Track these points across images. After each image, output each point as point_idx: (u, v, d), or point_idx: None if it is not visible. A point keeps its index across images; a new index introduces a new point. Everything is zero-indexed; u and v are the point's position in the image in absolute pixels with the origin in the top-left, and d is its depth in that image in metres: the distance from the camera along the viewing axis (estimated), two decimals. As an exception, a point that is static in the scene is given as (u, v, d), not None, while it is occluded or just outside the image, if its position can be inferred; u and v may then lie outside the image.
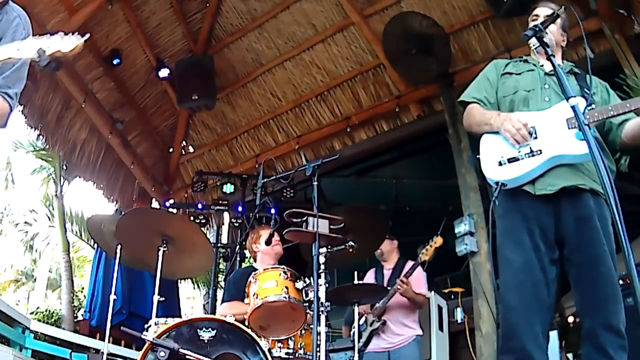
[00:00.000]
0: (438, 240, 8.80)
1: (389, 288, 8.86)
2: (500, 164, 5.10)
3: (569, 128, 4.79)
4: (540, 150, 4.91)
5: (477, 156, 5.45)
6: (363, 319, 9.10)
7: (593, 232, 4.80)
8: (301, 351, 6.52)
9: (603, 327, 4.71)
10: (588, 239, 4.81)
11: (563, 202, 4.93)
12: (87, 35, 5.13)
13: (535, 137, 4.98)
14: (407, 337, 8.84)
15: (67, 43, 4.64)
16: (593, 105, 4.81)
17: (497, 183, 5.12)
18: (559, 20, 5.26)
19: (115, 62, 12.64)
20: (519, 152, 5.02)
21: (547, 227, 4.96)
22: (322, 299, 5.98)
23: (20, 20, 5.04)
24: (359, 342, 8.88)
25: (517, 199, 5.10)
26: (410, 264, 9.14)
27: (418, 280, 8.99)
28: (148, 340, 5.58)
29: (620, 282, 5.02)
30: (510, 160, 5.03)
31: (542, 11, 5.19)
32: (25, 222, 33.97)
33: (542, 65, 5.46)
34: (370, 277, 9.50)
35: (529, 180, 5.01)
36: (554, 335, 9.11)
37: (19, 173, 32.15)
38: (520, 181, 5.03)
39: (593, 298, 4.82)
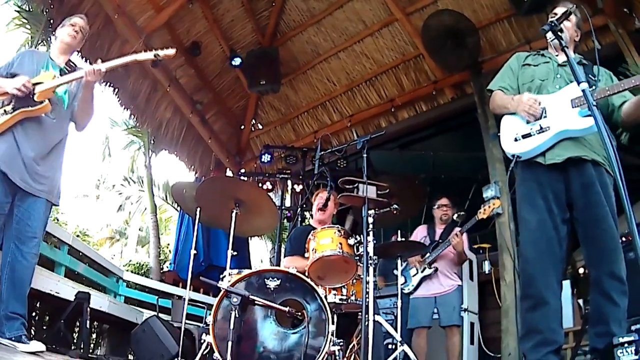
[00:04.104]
0: (497, 202, 8.81)
1: (440, 241, 9.17)
2: (515, 139, 5.30)
3: (572, 107, 4.97)
4: (548, 127, 5.09)
5: (498, 134, 5.58)
6: (414, 269, 9.26)
7: (596, 196, 4.94)
8: (352, 297, 6.56)
9: (607, 275, 4.85)
10: (592, 201, 4.96)
11: (570, 170, 5.07)
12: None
13: (545, 116, 5.17)
14: (451, 286, 9.07)
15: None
16: (594, 87, 4.90)
17: (513, 156, 5.30)
18: (574, 19, 5.43)
19: (195, 52, 12.73)
20: (531, 129, 5.21)
21: (559, 192, 5.10)
22: (371, 254, 6.06)
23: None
24: (408, 286, 9.06)
25: (531, 169, 5.25)
26: (457, 229, 9.27)
27: (465, 242, 9.13)
28: (223, 288, 5.68)
29: (623, 239, 5.11)
30: (524, 137, 5.24)
31: (560, 10, 5.23)
32: (121, 185, 34.28)
33: (557, 56, 5.57)
34: (422, 231, 9.69)
35: (540, 153, 5.16)
36: (567, 284, 9.10)
37: (114, 147, 32.41)
38: (532, 153, 5.20)
39: (598, 251, 4.96)
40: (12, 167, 5.73)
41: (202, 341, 6.08)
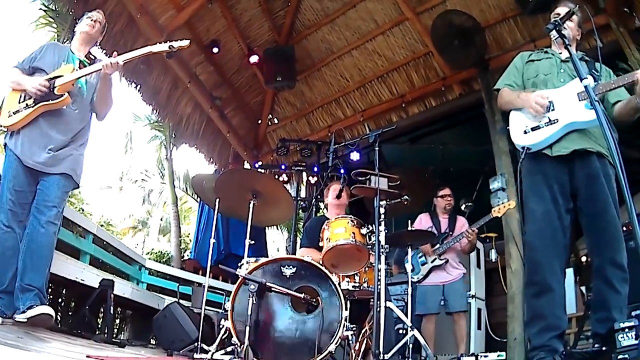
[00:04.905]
0: (512, 203, 8.85)
1: (450, 233, 9.30)
2: (525, 132, 5.35)
3: (579, 100, 5.02)
4: (557, 119, 5.14)
5: (507, 127, 5.62)
6: (423, 258, 9.35)
7: (600, 187, 4.99)
8: (365, 284, 6.60)
9: (609, 263, 4.89)
10: (596, 193, 5.00)
11: (575, 162, 5.13)
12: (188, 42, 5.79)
13: (553, 109, 5.21)
14: (458, 275, 9.13)
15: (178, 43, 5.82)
16: (597, 82, 4.96)
17: (523, 147, 5.32)
18: (576, 18, 5.50)
19: (214, 50, 12.76)
20: (540, 121, 5.24)
21: (564, 183, 5.15)
22: (382, 242, 6.11)
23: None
24: (417, 275, 9.18)
25: (538, 161, 5.28)
26: (462, 219, 9.47)
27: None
28: (241, 276, 5.73)
29: (624, 228, 5.14)
30: (533, 129, 5.29)
31: (562, 10, 5.29)
32: (142, 180, 34.46)
33: (560, 53, 5.64)
34: (426, 220, 9.67)
35: (548, 145, 5.19)
36: (570, 272, 9.15)
37: (137, 141, 32.67)
38: (541, 145, 5.23)
39: (600, 240, 5.00)
40: (35, 157, 5.80)
41: (221, 326, 6.11)
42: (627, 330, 4.27)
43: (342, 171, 7.31)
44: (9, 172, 5.83)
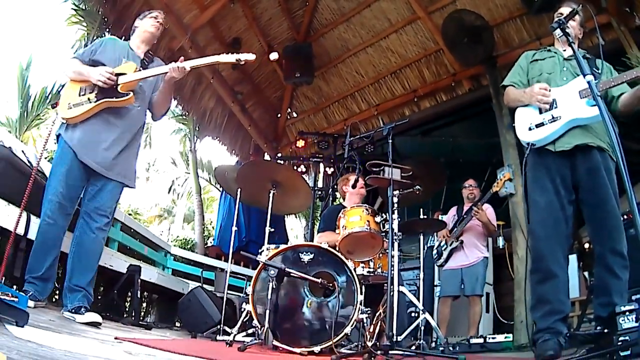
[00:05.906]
0: (507, 175, 8.98)
1: (465, 216, 9.52)
2: (530, 128, 5.37)
3: (581, 98, 5.05)
4: (560, 116, 5.17)
5: (513, 124, 5.66)
6: (443, 241, 9.60)
7: (600, 180, 5.01)
8: (379, 270, 6.64)
9: (610, 251, 4.91)
10: (597, 184, 5.03)
11: (577, 156, 5.15)
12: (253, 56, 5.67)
13: (556, 107, 5.23)
14: (477, 258, 9.31)
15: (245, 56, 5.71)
16: (598, 80, 5.00)
17: (528, 143, 5.35)
18: (578, 18, 5.48)
19: (236, 47, 12.73)
20: (544, 118, 5.28)
21: (566, 176, 5.17)
22: (395, 230, 6.11)
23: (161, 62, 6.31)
24: (440, 259, 9.51)
25: (542, 156, 5.31)
26: (485, 206, 9.53)
27: (490, 215, 9.44)
28: (261, 262, 5.76)
29: (624, 217, 5.18)
30: (537, 126, 5.32)
31: (565, 10, 5.32)
32: (166, 171, 34.59)
33: (564, 51, 5.65)
34: (453, 211, 10.12)
35: (551, 140, 5.21)
36: (573, 258, 9.17)
37: (161, 134, 32.75)
38: (545, 141, 5.25)
39: (602, 230, 5.02)
40: (91, 154, 5.70)
41: (242, 310, 6.17)
42: (627, 313, 4.30)
43: (357, 162, 7.34)
44: (63, 165, 5.72)
